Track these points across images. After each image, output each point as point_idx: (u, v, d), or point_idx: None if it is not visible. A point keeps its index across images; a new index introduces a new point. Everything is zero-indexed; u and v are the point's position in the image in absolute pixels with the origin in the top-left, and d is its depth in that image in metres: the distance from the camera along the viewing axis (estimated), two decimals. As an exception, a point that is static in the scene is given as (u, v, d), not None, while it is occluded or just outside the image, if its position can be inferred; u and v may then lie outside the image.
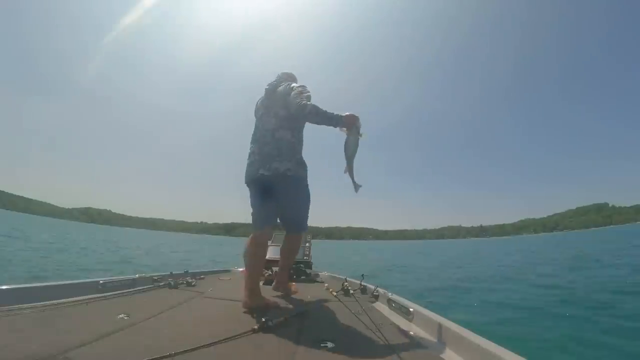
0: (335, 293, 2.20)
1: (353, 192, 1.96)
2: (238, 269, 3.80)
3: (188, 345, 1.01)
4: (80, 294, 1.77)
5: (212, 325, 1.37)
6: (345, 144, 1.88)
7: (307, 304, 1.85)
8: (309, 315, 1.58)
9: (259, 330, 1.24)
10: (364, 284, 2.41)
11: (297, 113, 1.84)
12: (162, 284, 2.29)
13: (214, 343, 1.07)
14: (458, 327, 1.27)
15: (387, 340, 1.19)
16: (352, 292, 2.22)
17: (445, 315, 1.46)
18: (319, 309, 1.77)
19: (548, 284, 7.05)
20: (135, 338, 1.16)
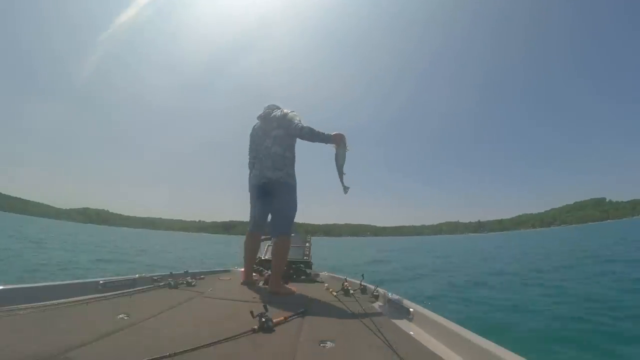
0: (335, 293, 2.20)
1: (351, 192, 2.47)
2: (238, 269, 3.80)
3: (188, 345, 1.01)
4: (80, 294, 1.77)
5: (212, 325, 1.37)
6: (335, 157, 2.43)
7: (307, 304, 1.85)
8: (309, 315, 1.58)
9: (259, 330, 1.24)
10: (364, 284, 2.41)
11: (295, 133, 2.37)
12: (162, 284, 2.28)
13: (214, 343, 1.07)
14: (458, 327, 1.28)
15: (387, 340, 1.19)
16: (352, 292, 2.21)
17: (445, 315, 1.47)
18: (319, 309, 1.77)
19: (539, 281, 7.20)
20: (135, 338, 1.16)
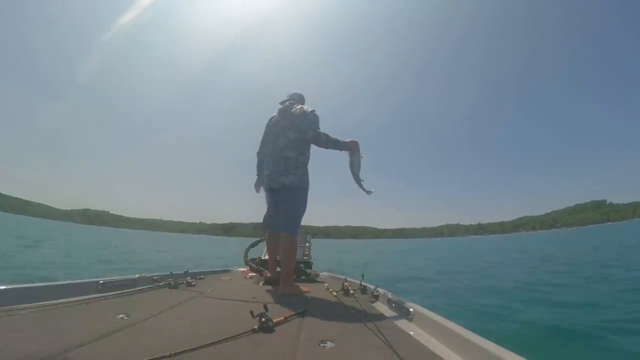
0: (335, 293, 2.20)
1: (354, 192, 2.47)
2: (238, 269, 3.80)
3: (188, 345, 1.01)
4: (80, 294, 1.77)
5: (212, 325, 1.37)
6: (350, 164, 2.46)
7: (307, 304, 1.85)
8: (309, 315, 1.58)
9: (259, 330, 1.24)
10: (364, 284, 2.41)
11: (311, 140, 2.40)
12: (162, 284, 2.29)
13: (214, 343, 1.07)
14: (458, 327, 1.28)
15: (387, 340, 1.19)
16: (352, 292, 2.21)
17: (445, 315, 1.47)
18: (319, 309, 1.77)
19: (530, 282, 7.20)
20: (135, 338, 1.16)
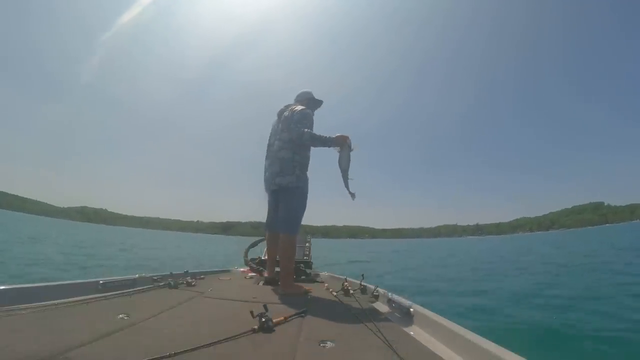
0: (335, 293, 2.20)
1: (349, 195, 2.43)
2: (238, 269, 3.80)
3: (188, 345, 1.01)
4: (80, 294, 1.77)
5: (212, 325, 1.37)
6: (339, 160, 2.37)
7: (307, 304, 1.85)
8: (309, 315, 1.58)
9: (259, 330, 1.24)
10: (364, 284, 2.41)
11: (297, 139, 2.33)
12: (162, 284, 2.28)
13: (214, 343, 1.07)
14: (458, 327, 1.28)
15: (387, 340, 1.19)
16: (352, 292, 2.21)
17: (445, 316, 1.47)
18: (319, 309, 1.77)
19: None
20: (135, 338, 1.16)
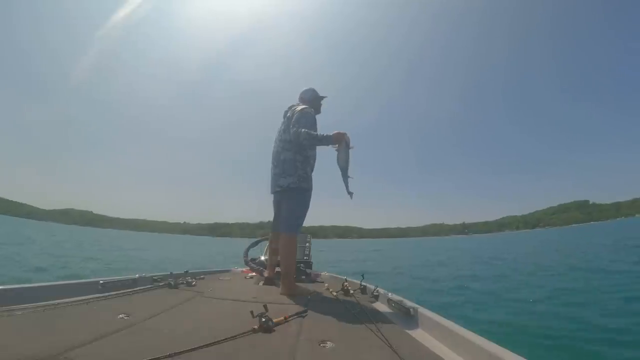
0: (335, 293, 2.20)
1: (340, 193, 2.37)
2: (238, 269, 3.81)
3: (188, 345, 1.01)
4: (80, 294, 1.77)
5: (212, 325, 1.37)
6: (337, 159, 2.33)
7: (307, 304, 1.85)
8: (309, 315, 1.58)
9: (259, 330, 1.24)
10: (364, 284, 2.41)
11: (294, 139, 2.33)
12: (162, 284, 2.29)
13: (214, 343, 1.07)
14: (458, 327, 1.27)
15: (387, 340, 1.19)
16: (352, 292, 2.21)
17: (446, 316, 1.46)
18: (319, 309, 1.77)
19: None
20: (135, 338, 1.16)
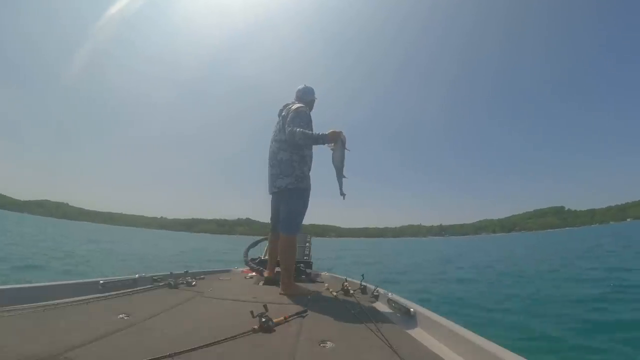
0: (335, 293, 2.20)
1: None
2: (238, 269, 3.80)
3: (188, 345, 1.01)
4: (80, 294, 1.77)
5: (212, 325, 1.37)
6: (332, 158, 2.33)
7: (307, 304, 1.85)
8: (309, 315, 1.58)
9: (259, 330, 1.24)
10: (364, 284, 2.41)
11: (289, 139, 2.31)
12: (162, 284, 2.29)
13: (214, 343, 1.07)
14: (459, 327, 1.28)
15: (387, 340, 1.19)
16: (352, 292, 2.21)
17: (446, 316, 1.47)
18: (319, 309, 1.77)
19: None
20: (135, 338, 1.16)
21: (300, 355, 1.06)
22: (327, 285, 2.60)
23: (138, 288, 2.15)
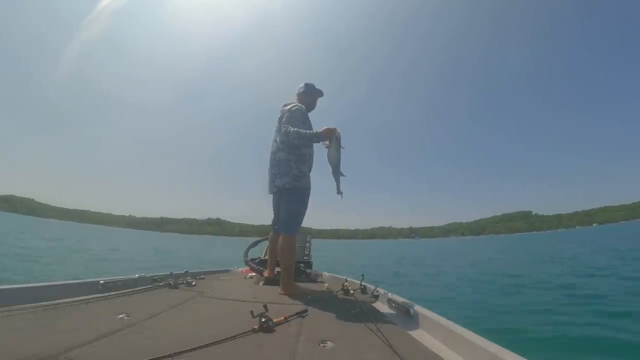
0: (336, 293, 2.20)
1: (337, 194, 2.43)
2: (238, 269, 3.81)
3: (188, 345, 1.01)
4: (80, 294, 1.78)
5: (212, 325, 1.37)
6: (328, 156, 2.34)
7: (307, 304, 1.85)
8: (309, 315, 1.58)
9: (259, 330, 1.24)
10: (364, 284, 2.41)
11: (284, 139, 2.36)
12: (162, 284, 2.29)
13: (214, 343, 1.07)
14: (459, 327, 1.28)
15: (387, 340, 1.19)
16: (352, 292, 2.22)
17: (445, 315, 1.47)
18: (319, 309, 1.77)
19: None
20: (135, 338, 1.16)
21: (300, 355, 1.06)
22: (327, 285, 2.60)
23: (138, 288, 2.15)
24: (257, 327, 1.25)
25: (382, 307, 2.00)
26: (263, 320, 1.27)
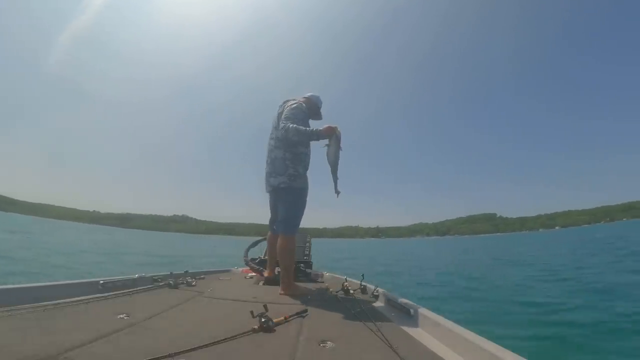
0: (336, 293, 2.20)
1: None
2: (238, 269, 3.81)
3: (188, 345, 1.01)
4: (80, 294, 1.77)
5: (212, 325, 1.37)
6: (327, 154, 2.27)
7: (307, 304, 1.85)
8: (309, 315, 1.58)
9: (259, 330, 1.24)
10: (364, 284, 2.41)
11: (282, 136, 2.27)
12: (162, 284, 2.29)
13: (214, 343, 1.07)
14: (459, 327, 1.28)
15: (387, 340, 1.19)
16: (352, 292, 2.22)
17: (446, 316, 1.47)
18: (319, 309, 1.77)
19: None
20: (135, 338, 1.16)
21: (300, 355, 1.06)
22: (327, 285, 2.60)
23: (138, 288, 2.15)
24: (257, 327, 1.25)
25: (382, 307, 2.00)
26: (263, 320, 1.27)
